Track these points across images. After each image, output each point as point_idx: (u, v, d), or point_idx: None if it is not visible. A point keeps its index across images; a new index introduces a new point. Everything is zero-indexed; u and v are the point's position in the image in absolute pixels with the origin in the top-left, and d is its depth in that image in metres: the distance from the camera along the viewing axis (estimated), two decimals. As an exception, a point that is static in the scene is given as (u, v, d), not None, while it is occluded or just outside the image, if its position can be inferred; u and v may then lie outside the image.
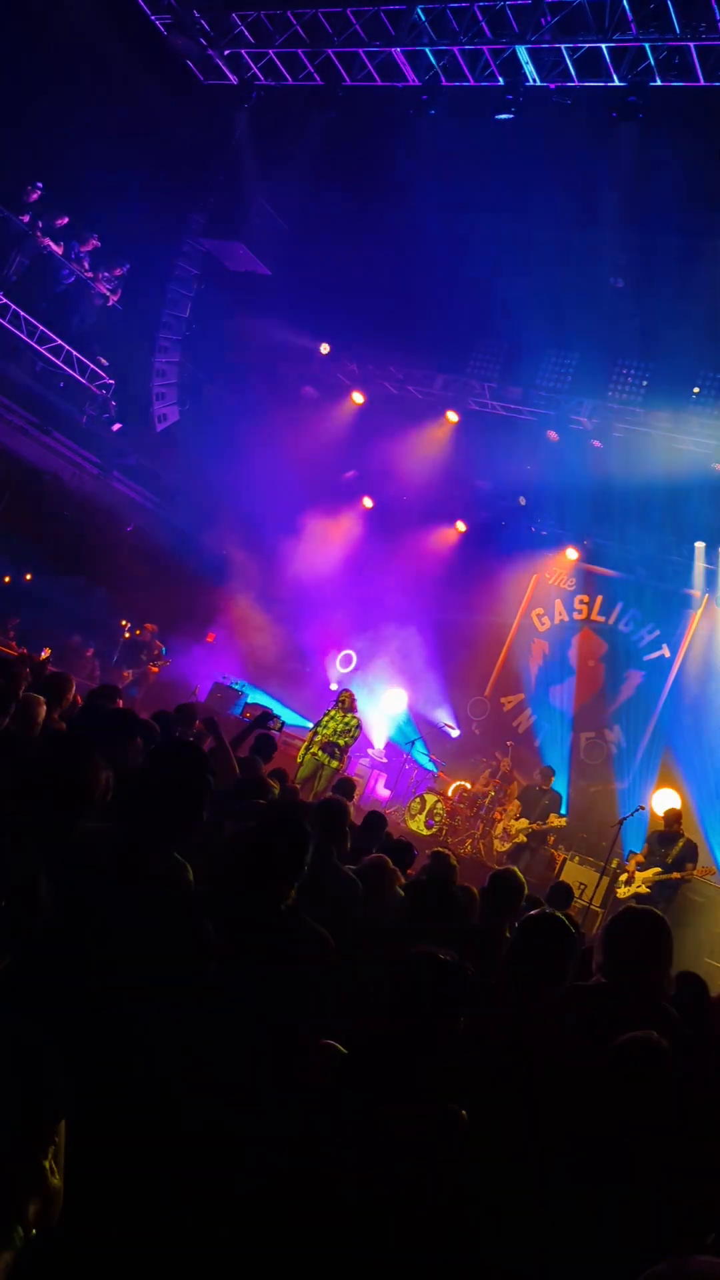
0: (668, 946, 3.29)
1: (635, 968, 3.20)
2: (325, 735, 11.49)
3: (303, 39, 12.46)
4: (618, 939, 3.27)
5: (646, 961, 3.22)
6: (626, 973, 3.20)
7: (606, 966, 3.26)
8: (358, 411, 16.35)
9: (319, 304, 15.01)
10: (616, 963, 3.22)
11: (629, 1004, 3.06)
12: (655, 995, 3.25)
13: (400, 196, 13.99)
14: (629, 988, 3.16)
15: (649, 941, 3.25)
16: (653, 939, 3.25)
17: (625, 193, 11.83)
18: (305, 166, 13.82)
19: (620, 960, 3.21)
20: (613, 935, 3.29)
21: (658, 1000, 3.26)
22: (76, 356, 14.74)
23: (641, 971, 3.20)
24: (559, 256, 12.76)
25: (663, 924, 3.32)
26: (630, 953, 3.23)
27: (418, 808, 12.90)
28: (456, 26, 11.14)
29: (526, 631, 16.24)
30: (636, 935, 3.26)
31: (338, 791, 7.86)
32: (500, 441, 15.08)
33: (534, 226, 12.98)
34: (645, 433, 13.42)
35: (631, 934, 3.27)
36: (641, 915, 3.37)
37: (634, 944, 3.24)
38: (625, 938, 3.26)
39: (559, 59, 10.63)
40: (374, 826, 6.47)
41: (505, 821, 12.09)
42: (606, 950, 3.28)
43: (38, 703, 5.06)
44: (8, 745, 4.44)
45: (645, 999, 3.14)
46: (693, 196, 11.28)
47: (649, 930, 3.28)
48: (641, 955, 3.22)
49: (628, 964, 3.21)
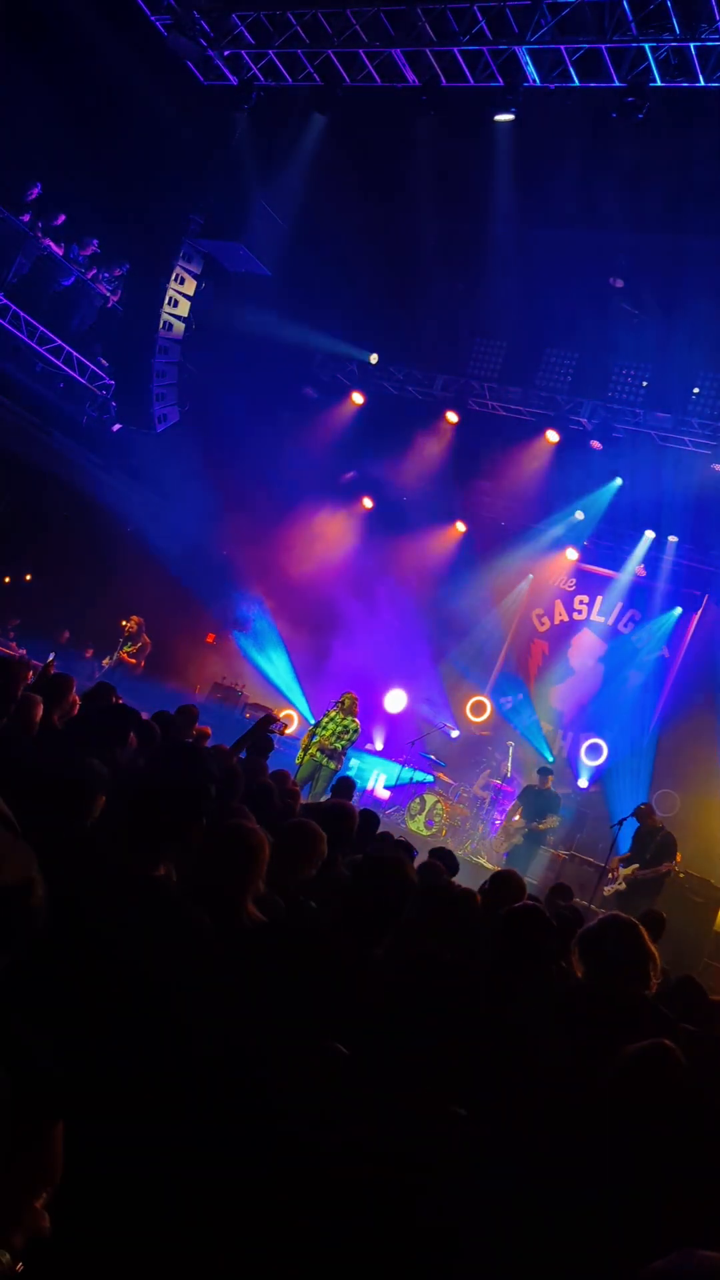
0: (649, 949, 3.29)
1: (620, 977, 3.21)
2: (324, 737, 11.48)
3: (302, 39, 12.45)
4: (596, 952, 3.28)
5: (631, 971, 3.23)
6: (612, 982, 3.20)
7: (589, 976, 3.27)
8: (357, 412, 16.36)
9: (319, 304, 15.01)
10: (599, 974, 3.23)
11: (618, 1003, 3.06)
12: (643, 995, 3.26)
13: (400, 197, 14.00)
14: (618, 992, 3.16)
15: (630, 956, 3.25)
16: (632, 948, 3.26)
17: (625, 193, 11.84)
18: (305, 167, 13.82)
19: (604, 968, 3.22)
20: (590, 948, 3.30)
21: (647, 998, 3.27)
22: (77, 357, 14.75)
23: (627, 979, 3.21)
24: (559, 257, 12.76)
25: (637, 931, 3.32)
26: (613, 965, 3.23)
27: (417, 808, 12.90)
28: (456, 27, 11.12)
29: (526, 632, 16.24)
30: (616, 947, 3.27)
31: (337, 793, 7.86)
32: (499, 441, 15.10)
33: (534, 226, 12.99)
34: (645, 433, 13.43)
35: (610, 947, 3.27)
36: (617, 926, 3.37)
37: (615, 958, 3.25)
38: (605, 951, 3.27)
39: (559, 59, 10.62)
40: (368, 825, 6.47)
41: (504, 821, 12.12)
42: (586, 963, 3.29)
43: (35, 702, 5.05)
44: (4, 745, 4.44)
45: (634, 998, 3.14)
46: (692, 196, 11.28)
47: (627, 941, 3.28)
48: (626, 967, 3.23)
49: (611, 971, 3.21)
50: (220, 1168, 2.36)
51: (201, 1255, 2.28)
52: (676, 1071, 2.43)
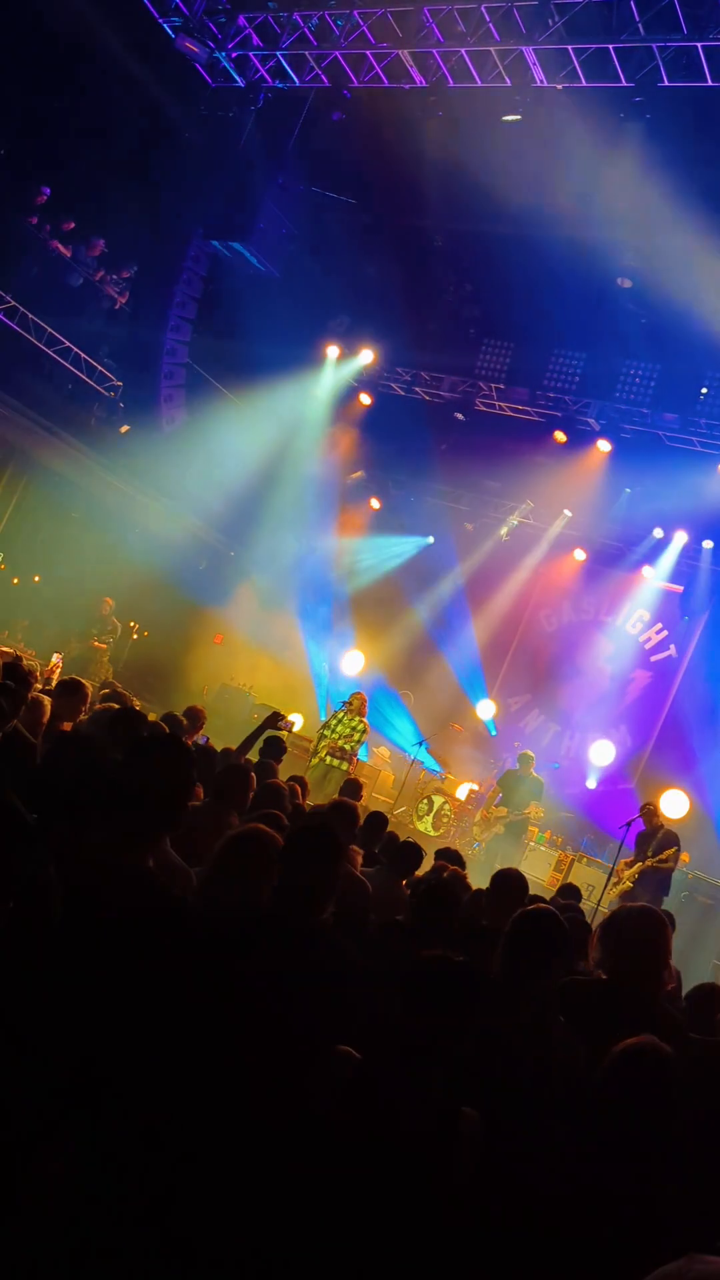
0: (666, 942, 3.28)
1: (634, 965, 3.20)
2: (332, 739, 11.49)
3: (310, 41, 12.47)
4: (615, 937, 3.26)
5: (645, 958, 3.22)
6: (626, 970, 3.19)
7: (605, 964, 3.26)
8: (365, 413, 16.37)
9: (326, 306, 15.03)
10: (615, 961, 3.22)
11: (629, 1002, 3.05)
12: (657, 993, 3.25)
13: (407, 197, 14.00)
14: (629, 985, 3.15)
15: (647, 938, 3.23)
16: (651, 935, 3.24)
17: (633, 193, 11.81)
18: (312, 168, 13.84)
19: (619, 958, 3.21)
20: (610, 933, 3.28)
21: (658, 998, 3.26)
22: (85, 359, 14.77)
23: (641, 969, 3.19)
24: (566, 257, 12.75)
25: (658, 919, 3.32)
26: (628, 950, 3.22)
27: (425, 809, 12.90)
28: (464, 28, 11.12)
29: (533, 632, 16.23)
30: (634, 933, 3.25)
31: (345, 794, 7.88)
32: (508, 441, 15.09)
33: (541, 227, 12.97)
34: (652, 434, 13.42)
35: (629, 931, 3.26)
36: (638, 912, 3.36)
37: (632, 941, 3.24)
38: (622, 935, 3.25)
39: (566, 60, 10.61)
40: (375, 826, 6.47)
41: (483, 810, 11.74)
42: (604, 947, 3.27)
43: (44, 704, 5.08)
44: (14, 747, 4.46)
45: (646, 997, 3.13)
46: (700, 196, 11.25)
47: (646, 926, 3.27)
48: (640, 953, 3.22)
49: (627, 962, 3.20)
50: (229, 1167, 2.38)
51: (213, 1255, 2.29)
52: (664, 1070, 2.43)
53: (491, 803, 11.70)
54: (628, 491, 14.30)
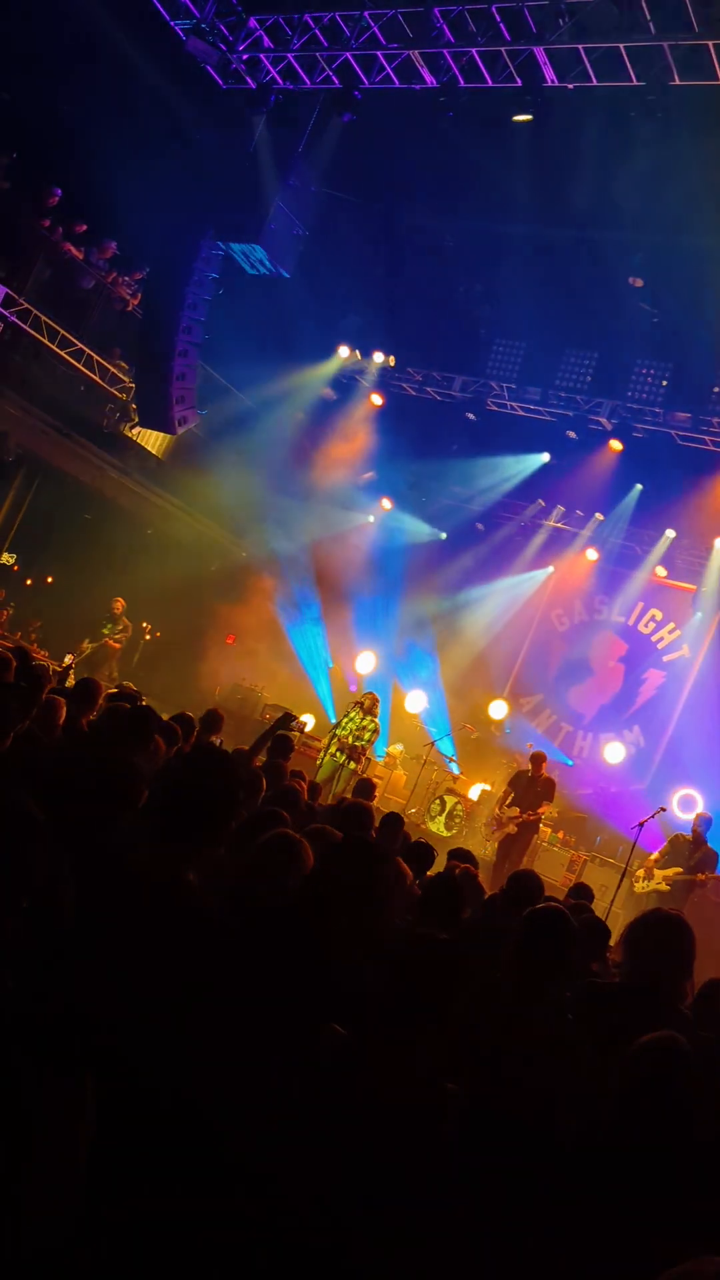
0: (691, 950, 3.28)
1: (659, 971, 3.20)
2: (342, 736, 11.51)
3: (321, 42, 12.48)
4: (643, 941, 3.26)
5: (671, 964, 3.21)
6: (650, 975, 3.19)
7: (629, 969, 3.26)
8: (376, 413, 16.38)
9: (338, 306, 15.04)
10: (640, 965, 3.21)
11: (647, 1007, 3.05)
12: (675, 999, 3.25)
13: (419, 198, 14.01)
14: (650, 990, 3.15)
15: (674, 945, 3.23)
16: (678, 943, 3.24)
17: (644, 192, 11.79)
18: (323, 169, 13.84)
19: (644, 963, 3.21)
20: (638, 937, 3.28)
21: (677, 1004, 3.26)
22: (97, 360, 14.83)
23: (665, 975, 3.19)
24: (578, 256, 12.73)
25: (687, 928, 3.31)
26: (655, 956, 3.21)
27: (438, 809, 12.90)
28: (474, 28, 11.11)
29: (546, 632, 16.20)
30: (662, 938, 3.25)
31: (357, 794, 7.89)
32: (519, 441, 15.09)
33: (552, 226, 12.97)
34: (664, 433, 13.39)
35: (658, 937, 3.26)
36: (668, 918, 3.36)
37: (659, 947, 3.23)
38: (651, 940, 3.25)
39: (577, 59, 10.59)
40: (391, 827, 6.48)
41: (498, 811, 11.71)
42: (630, 952, 3.27)
43: (58, 705, 5.11)
44: (29, 747, 4.48)
45: (664, 1002, 3.13)
46: (711, 194, 11.22)
47: (675, 934, 3.26)
48: (666, 959, 3.21)
49: (652, 967, 3.20)
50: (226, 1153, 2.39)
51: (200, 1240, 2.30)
52: (686, 1065, 2.43)
53: (504, 804, 11.69)
54: (639, 488, 14.28)
